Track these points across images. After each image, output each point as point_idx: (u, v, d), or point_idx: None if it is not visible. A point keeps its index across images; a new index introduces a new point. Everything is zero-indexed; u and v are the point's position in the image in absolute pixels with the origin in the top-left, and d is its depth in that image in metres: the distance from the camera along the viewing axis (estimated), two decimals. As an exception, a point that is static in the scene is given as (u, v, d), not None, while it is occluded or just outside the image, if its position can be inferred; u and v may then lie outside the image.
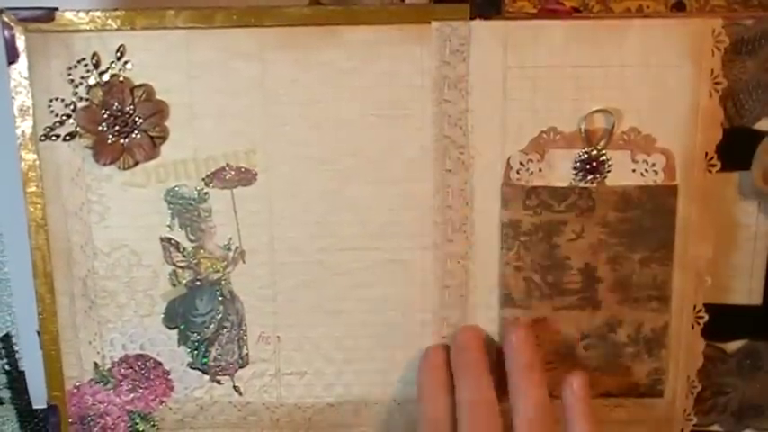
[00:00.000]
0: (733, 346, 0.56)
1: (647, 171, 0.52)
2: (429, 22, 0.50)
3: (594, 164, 0.52)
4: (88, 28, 0.50)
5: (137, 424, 0.56)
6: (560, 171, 0.52)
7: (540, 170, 0.52)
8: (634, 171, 0.52)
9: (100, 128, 0.51)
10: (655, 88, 0.51)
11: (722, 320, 0.55)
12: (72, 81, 0.51)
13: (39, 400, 0.65)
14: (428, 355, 0.54)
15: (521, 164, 0.52)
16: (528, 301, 0.53)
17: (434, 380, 0.52)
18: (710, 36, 0.50)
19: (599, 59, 0.51)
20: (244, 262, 0.54)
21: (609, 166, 0.52)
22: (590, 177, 0.52)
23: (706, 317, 0.54)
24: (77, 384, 0.55)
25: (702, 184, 0.52)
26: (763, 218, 0.54)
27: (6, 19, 0.49)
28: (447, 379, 0.52)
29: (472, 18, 0.50)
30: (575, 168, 0.52)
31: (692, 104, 0.51)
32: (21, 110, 0.51)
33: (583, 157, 0.52)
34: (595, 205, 0.52)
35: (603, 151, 0.51)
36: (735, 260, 0.55)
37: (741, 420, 0.57)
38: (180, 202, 0.53)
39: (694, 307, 0.54)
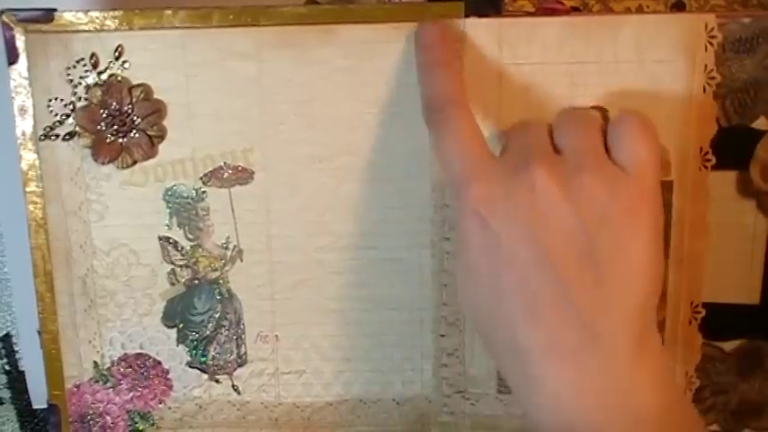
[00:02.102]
0: (731, 345, 0.56)
1: None
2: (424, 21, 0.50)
3: (589, 158, 0.51)
4: (87, 28, 0.50)
5: (136, 423, 0.56)
6: None
7: None
8: None
9: (99, 127, 0.52)
10: (649, 84, 0.51)
11: (720, 319, 0.54)
12: (71, 81, 0.51)
13: (39, 400, 0.65)
14: (421, 34, 0.50)
15: None
16: None
17: (428, 58, 0.49)
18: (704, 31, 0.50)
19: (593, 55, 0.51)
20: (242, 261, 0.54)
21: None
22: None
23: (703, 312, 0.54)
24: (77, 383, 0.55)
25: (698, 180, 0.52)
26: (761, 217, 0.54)
27: (6, 20, 0.50)
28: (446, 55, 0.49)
29: (467, 16, 0.50)
30: (570, 162, 0.52)
31: (686, 100, 0.51)
32: (20, 110, 0.51)
33: None
34: None
35: None
36: (733, 259, 0.54)
37: (740, 420, 0.56)
38: (178, 200, 0.53)
39: (691, 303, 0.54)
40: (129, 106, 0.51)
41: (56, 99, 0.51)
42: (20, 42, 0.50)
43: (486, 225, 0.44)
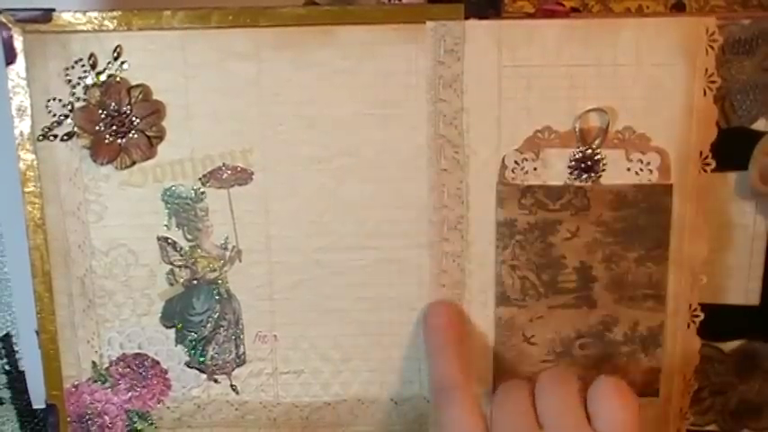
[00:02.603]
0: (730, 346, 0.56)
1: (641, 170, 0.52)
2: (424, 22, 0.50)
3: (589, 163, 0.52)
4: (85, 29, 0.50)
5: (134, 423, 0.56)
6: (555, 170, 0.52)
7: (536, 169, 0.52)
8: (629, 170, 0.52)
9: (97, 128, 0.52)
10: (649, 87, 0.51)
11: (719, 320, 0.55)
12: (69, 81, 0.51)
13: (39, 400, 0.65)
14: (431, 314, 0.54)
15: (516, 163, 0.52)
16: (523, 300, 0.54)
17: (437, 342, 0.53)
18: (704, 35, 0.50)
19: (593, 58, 0.51)
20: (240, 261, 0.54)
21: (604, 164, 0.52)
22: (585, 176, 0.52)
23: (702, 316, 0.54)
24: (76, 383, 0.55)
25: (697, 183, 0.52)
26: (760, 218, 0.54)
27: (4, 20, 0.50)
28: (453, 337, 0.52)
29: (467, 18, 0.50)
30: (570, 167, 0.52)
31: (686, 103, 0.51)
32: (19, 110, 0.51)
33: (577, 156, 0.52)
34: (590, 204, 0.52)
35: (598, 150, 0.52)
36: (732, 260, 0.54)
37: (738, 420, 0.57)
38: (177, 201, 0.53)
39: (690, 306, 0.53)
40: (128, 107, 0.51)
41: (54, 99, 0.51)
42: (18, 42, 0.50)
43: None
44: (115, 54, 0.51)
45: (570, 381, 0.49)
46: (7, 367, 0.66)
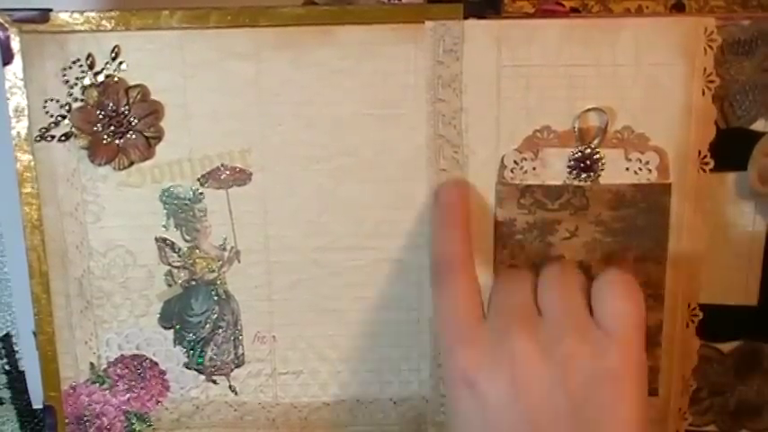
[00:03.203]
0: (729, 346, 0.56)
1: (640, 169, 0.52)
2: (423, 22, 0.50)
3: (588, 162, 0.52)
4: (83, 29, 0.50)
5: (133, 424, 0.56)
6: (554, 169, 0.52)
7: (534, 169, 0.52)
8: (628, 169, 0.52)
9: (95, 128, 0.51)
10: (648, 87, 0.51)
11: (718, 321, 0.54)
12: (67, 82, 0.51)
13: (39, 400, 0.65)
14: (440, 192, 0.52)
15: (515, 162, 0.52)
16: None
17: (446, 215, 0.51)
18: (703, 35, 0.50)
19: (592, 58, 0.51)
20: (239, 262, 0.54)
21: (602, 164, 0.52)
22: (584, 176, 0.52)
23: (700, 315, 0.54)
24: (73, 385, 0.55)
25: (696, 183, 0.52)
26: (759, 218, 0.54)
27: (1, 20, 0.50)
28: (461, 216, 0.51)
29: (466, 17, 0.50)
30: (569, 167, 0.52)
31: (685, 103, 0.51)
32: (16, 111, 0.51)
33: (577, 156, 0.52)
34: (589, 204, 0.52)
35: (597, 150, 0.52)
36: (731, 261, 0.54)
37: (737, 421, 0.56)
38: (175, 202, 0.53)
39: (689, 305, 0.54)
40: (126, 107, 0.51)
41: (51, 100, 0.51)
42: (15, 43, 0.50)
43: (474, 389, 0.45)
44: (113, 54, 0.51)
45: (574, 272, 0.48)
46: (7, 367, 0.66)
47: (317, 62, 0.51)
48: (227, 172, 0.52)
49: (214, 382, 0.56)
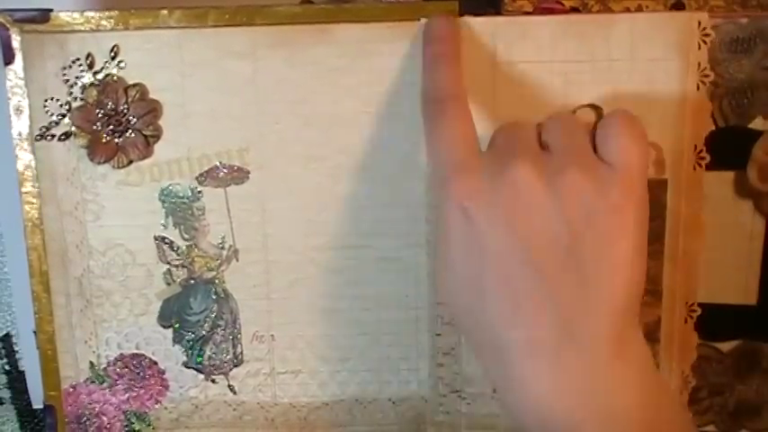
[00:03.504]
0: (728, 345, 0.56)
1: None
2: (419, 19, 0.51)
3: (584, 157, 0.51)
4: (83, 28, 0.51)
5: (132, 423, 0.56)
6: None
7: None
8: None
9: (94, 127, 0.52)
10: (643, 82, 0.51)
11: (717, 320, 0.54)
12: (67, 81, 0.51)
13: (39, 400, 0.65)
14: (430, 26, 0.50)
15: None
16: None
17: (438, 51, 0.50)
18: (697, 29, 0.50)
19: (587, 54, 0.51)
20: (237, 260, 0.54)
21: None
22: None
23: (699, 311, 0.54)
24: (73, 384, 0.55)
25: (692, 178, 0.52)
26: (758, 217, 0.54)
27: (2, 20, 0.50)
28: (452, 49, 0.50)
29: (461, 15, 0.50)
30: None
31: (679, 98, 0.51)
32: (16, 110, 0.52)
33: None
34: None
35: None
36: (730, 259, 0.54)
37: (737, 420, 0.56)
38: (174, 200, 0.53)
39: (687, 302, 0.53)
40: (125, 106, 0.51)
41: (52, 99, 0.52)
42: (16, 42, 0.51)
43: (470, 220, 0.44)
44: (112, 53, 0.51)
45: (579, 117, 0.48)
46: (7, 367, 0.66)
47: (313, 60, 0.51)
48: (226, 170, 0.53)
49: (213, 381, 0.56)
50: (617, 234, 0.43)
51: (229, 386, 0.56)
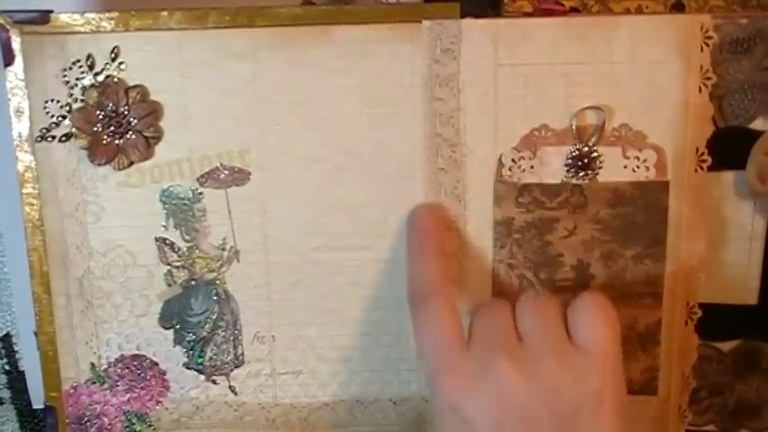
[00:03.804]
0: (728, 345, 0.56)
1: (638, 167, 0.52)
2: (420, 21, 0.51)
3: (586, 160, 0.52)
4: (83, 30, 0.50)
5: (133, 424, 0.56)
6: (552, 168, 0.52)
7: (532, 167, 0.52)
8: (626, 167, 0.52)
9: (95, 128, 0.52)
10: (645, 84, 0.51)
11: (718, 320, 0.54)
12: (67, 82, 0.51)
13: (39, 400, 0.65)
14: (413, 218, 0.53)
15: (513, 161, 0.52)
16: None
17: (419, 242, 0.52)
18: (699, 32, 0.50)
19: (589, 56, 0.51)
20: (238, 261, 0.54)
21: (600, 162, 0.52)
22: (582, 174, 0.52)
23: (700, 313, 0.54)
24: (74, 385, 0.55)
25: (694, 180, 0.52)
26: (758, 217, 0.54)
27: (2, 21, 0.50)
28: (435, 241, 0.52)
29: (463, 16, 0.50)
30: (566, 165, 0.52)
31: (682, 100, 0.51)
32: (17, 111, 0.51)
33: (574, 154, 0.52)
34: (587, 202, 0.52)
35: (595, 148, 0.52)
36: (730, 260, 0.54)
37: (737, 420, 0.56)
38: (174, 202, 0.53)
39: (687, 303, 0.53)
40: (126, 107, 0.51)
41: (52, 100, 0.51)
42: (16, 44, 0.51)
43: (460, 414, 0.45)
44: (113, 55, 0.51)
45: (551, 300, 0.48)
46: (7, 367, 0.66)
47: (314, 62, 0.51)
48: (226, 172, 0.53)
49: (214, 382, 0.56)
50: (600, 419, 0.45)
51: (230, 387, 0.56)
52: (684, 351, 0.54)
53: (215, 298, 0.54)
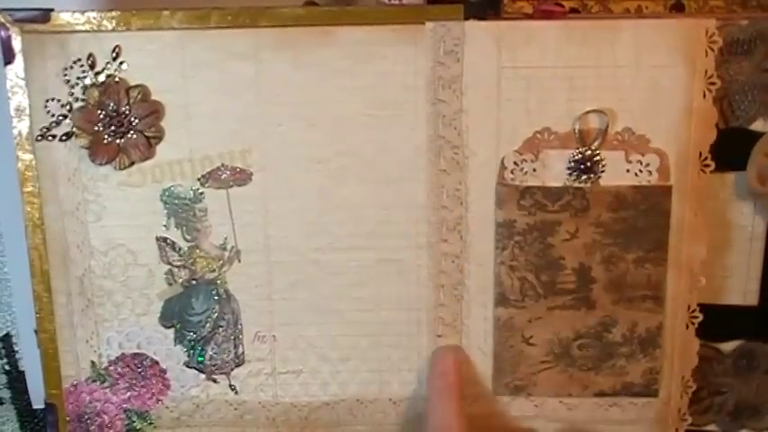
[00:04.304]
0: (729, 346, 0.56)
1: (641, 171, 0.52)
2: (423, 23, 0.50)
3: (589, 164, 0.52)
4: (84, 29, 0.50)
5: (134, 422, 0.56)
6: (554, 171, 0.52)
7: (535, 170, 0.52)
8: (628, 171, 0.52)
9: (96, 128, 0.51)
10: (648, 89, 0.51)
11: (718, 321, 0.55)
12: (68, 81, 0.51)
13: (39, 401, 0.65)
14: (436, 360, 0.54)
15: (515, 164, 0.52)
16: (522, 301, 0.54)
17: (442, 386, 0.53)
18: (704, 36, 0.50)
19: (592, 60, 0.51)
20: (239, 261, 0.54)
21: (603, 166, 0.52)
22: (584, 177, 0.52)
23: (701, 317, 0.53)
24: (75, 383, 0.55)
25: (697, 185, 0.52)
26: (758, 219, 0.54)
27: (3, 20, 0.50)
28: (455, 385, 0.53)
29: (466, 18, 0.50)
30: (569, 168, 0.52)
31: (685, 105, 0.51)
32: (17, 110, 0.51)
33: (577, 158, 0.52)
34: (589, 205, 0.52)
35: (597, 151, 0.51)
36: (731, 261, 0.55)
37: (737, 420, 0.57)
38: (176, 201, 0.53)
39: (689, 307, 0.53)
40: (127, 107, 0.51)
41: (53, 100, 0.51)
42: (16, 42, 0.50)
43: None
44: (114, 54, 0.51)
45: None
46: (7, 367, 0.66)
47: (317, 63, 0.51)
48: (228, 172, 0.53)
49: (214, 380, 0.56)
50: None
51: (231, 386, 0.56)
52: (685, 355, 0.54)
53: (216, 297, 0.54)
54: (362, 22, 0.51)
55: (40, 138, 0.52)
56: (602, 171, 0.52)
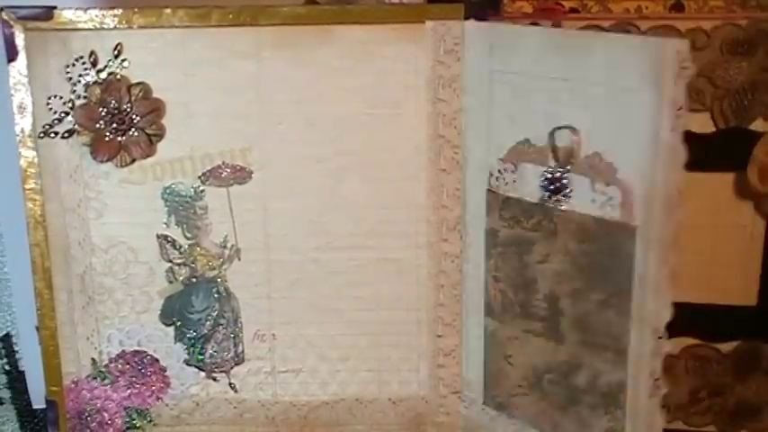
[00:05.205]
0: (728, 346, 0.56)
1: (603, 204, 0.46)
2: (423, 22, 0.51)
3: (558, 184, 0.48)
4: (86, 26, 0.50)
5: (133, 420, 0.56)
6: (531, 186, 0.49)
7: (515, 181, 0.50)
8: (593, 201, 0.47)
9: (97, 125, 0.52)
10: (618, 113, 0.45)
11: (717, 321, 0.55)
12: (70, 79, 0.51)
13: (39, 400, 0.65)
14: None
15: (499, 172, 0.51)
16: (503, 315, 0.53)
17: None
18: (674, 59, 0.42)
19: (568, 73, 0.46)
20: (239, 259, 0.54)
21: (570, 189, 0.48)
22: (553, 198, 0.48)
23: (665, 390, 0.46)
24: (75, 380, 0.55)
25: (665, 233, 0.44)
26: (758, 218, 0.54)
27: (6, 17, 0.50)
28: None
29: (466, 18, 0.50)
30: (541, 186, 0.49)
31: (652, 136, 0.43)
32: (20, 107, 0.51)
33: (548, 176, 0.48)
34: (557, 230, 0.49)
35: (567, 173, 0.48)
36: (730, 260, 0.54)
37: (736, 421, 0.57)
38: (176, 199, 0.53)
39: (651, 373, 0.46)
40: (128, 105, 0.51)
41: (55, 97, 0.51)
42: (19, 40, 0.50)
43: None
44: (116, 52, 0.51)
45: None
46: (7, 367, 0.67)
47: (317, 61, 0.51)
48: (228, 170, 0.53)
49: (214, 379, 0.56)
50: None
51: (230, 384, 0.56)
52: (650, 428, 0.47)
53: (216, 295, 0.55)
54: (363, 20, 0.51)
55: (42, 135, 0.52)
56: (570, 195, 0.48)
